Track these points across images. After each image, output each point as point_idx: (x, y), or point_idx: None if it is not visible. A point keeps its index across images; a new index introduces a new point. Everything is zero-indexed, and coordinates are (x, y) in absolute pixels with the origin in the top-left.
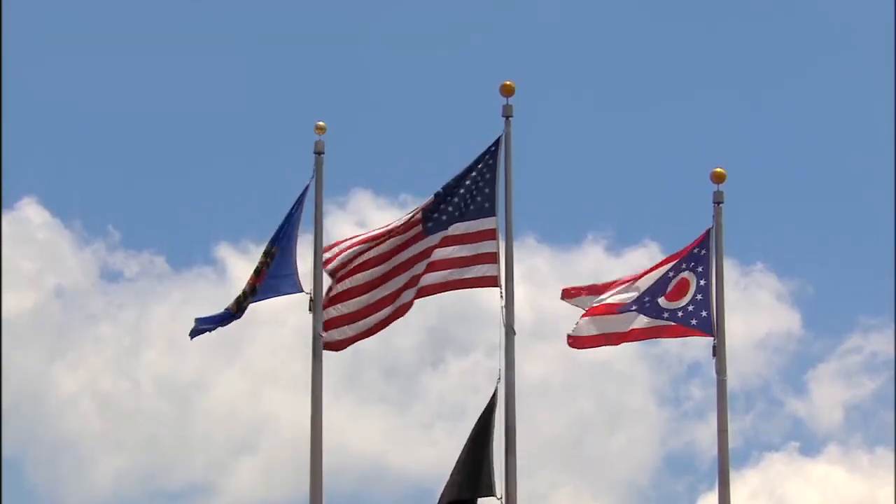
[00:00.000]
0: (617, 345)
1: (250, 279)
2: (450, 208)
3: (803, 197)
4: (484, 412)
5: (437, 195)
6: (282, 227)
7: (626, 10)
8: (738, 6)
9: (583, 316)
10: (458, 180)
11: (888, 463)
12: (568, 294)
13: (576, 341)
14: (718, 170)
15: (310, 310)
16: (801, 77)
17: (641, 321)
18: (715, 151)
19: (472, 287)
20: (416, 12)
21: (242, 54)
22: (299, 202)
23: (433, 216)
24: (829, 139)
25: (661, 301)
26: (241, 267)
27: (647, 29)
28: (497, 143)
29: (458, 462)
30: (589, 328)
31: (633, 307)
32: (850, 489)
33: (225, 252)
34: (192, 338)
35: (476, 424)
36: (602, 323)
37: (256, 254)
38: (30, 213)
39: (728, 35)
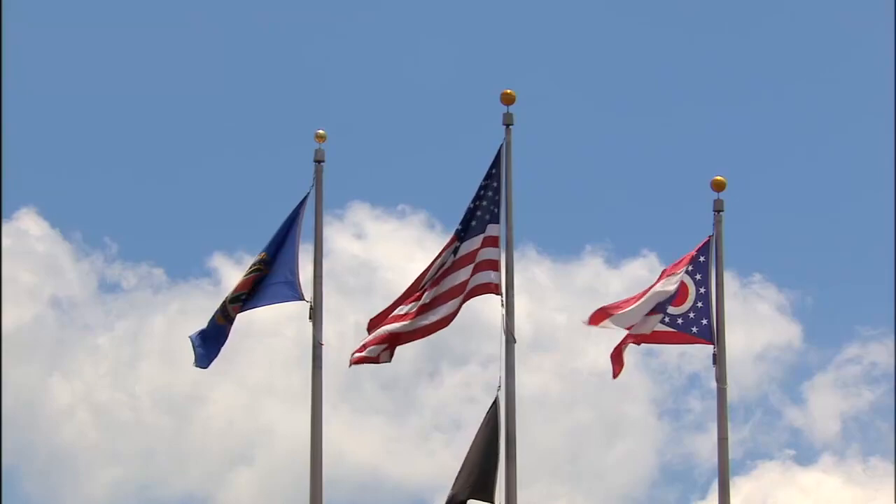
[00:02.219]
0: (636, 343)
1: (240, 286)
2: (466, 231)
3: (802, 207)
4: (486, 420)
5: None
6: (277, 235)
7: (626, 19)
8: (739, 14)
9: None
10: (473, 202)
11: (881, 473)
12: (594, 320)
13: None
14: (718, 178)
15: (310, 318)
16: (798, 86)
17: (657, 324)
18: (714, 161)
19: (475, 295)
20: (415, 19)
21: (242, 69)
22: (297, 210)
23: (461, 234)
24: (828, 148)
25: (668, 307)
26: (236, 278)
27: (647, 37)
28: (499, 153)
29: (462, 466)
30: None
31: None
32: (844, 498)
33: (220, 263)
34: (202, 366)
35: (479, 431)
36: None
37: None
38: (28, 224)
39: (729, 44)
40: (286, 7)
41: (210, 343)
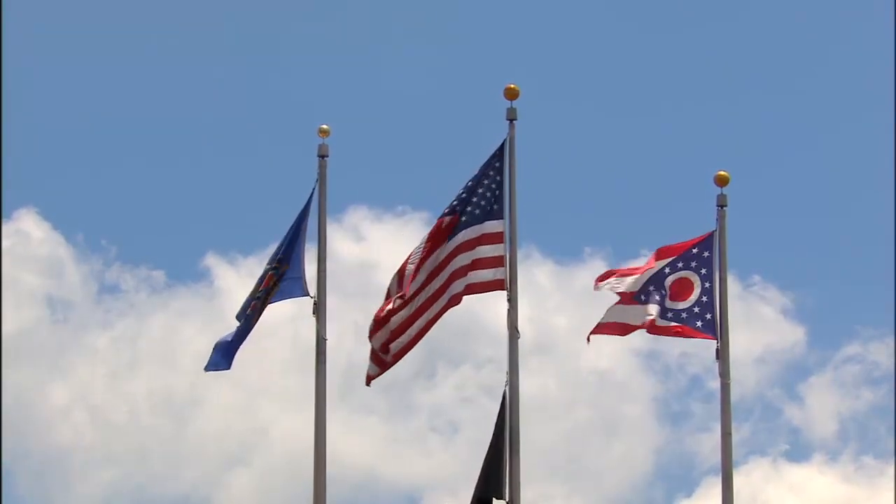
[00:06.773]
0: (626, 335)
1: (258, 286)
2: (464, 216)
3: (802, 206)
4: (499, 416)
5: (454, 201)
6: (288, 234)
7: (629, 16)
8: (744, 9)
9: (616, 304)
10: (470, 186)
11: (874, 473)
12: (600, 279)
13: (599, 328)
14: (722, 173)
15: (313, 313)
16: (794, 86)
17: (652, 315)
18: (714, 160)
19: (479, 292)
20: (416, 18)
21: (241, 69)
22: (305, 207)
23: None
24: (829, 147)
25: (667, 302)
26: (230, 278)
27: (651, 34)
28: (503, 145)
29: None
30: (613, 315)
31: (642, 297)
32: (834, 497)
33: (214, 262)
34: (207, 370)
35: (494, 429)
36: (623, 312)
37: (245, 265)
38: (29, 225)
39: (733, 41)
40: (281, 8)
41: (227, 347)
